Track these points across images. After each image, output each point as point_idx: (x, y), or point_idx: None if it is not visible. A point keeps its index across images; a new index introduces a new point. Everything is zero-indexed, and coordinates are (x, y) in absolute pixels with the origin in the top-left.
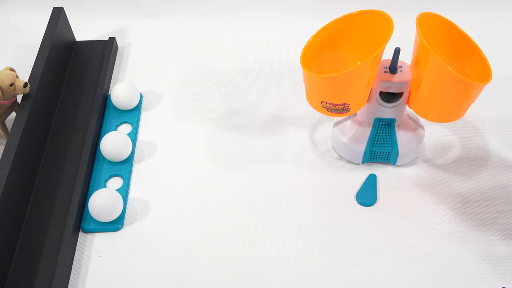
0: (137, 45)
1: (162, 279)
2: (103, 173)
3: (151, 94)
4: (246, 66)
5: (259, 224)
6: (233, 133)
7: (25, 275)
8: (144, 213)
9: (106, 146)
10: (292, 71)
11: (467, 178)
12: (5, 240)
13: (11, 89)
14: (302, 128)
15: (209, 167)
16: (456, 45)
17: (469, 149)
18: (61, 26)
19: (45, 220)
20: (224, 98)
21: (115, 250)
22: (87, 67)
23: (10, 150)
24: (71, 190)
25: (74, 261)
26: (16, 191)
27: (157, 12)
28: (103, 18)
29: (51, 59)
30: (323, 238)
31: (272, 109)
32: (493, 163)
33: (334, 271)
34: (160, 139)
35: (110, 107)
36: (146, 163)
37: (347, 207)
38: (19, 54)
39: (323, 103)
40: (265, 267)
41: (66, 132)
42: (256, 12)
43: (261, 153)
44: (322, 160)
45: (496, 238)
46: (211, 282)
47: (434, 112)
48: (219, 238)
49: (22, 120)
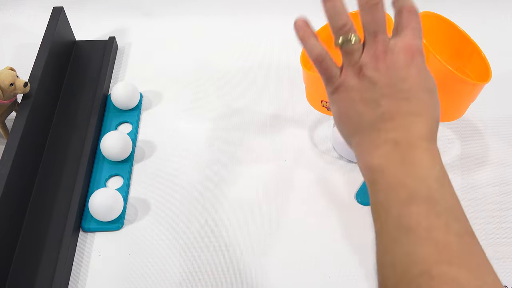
0: (137, 45)
1: (162, 279)
2: (103, 172)
3: (151, 94)
4: (246, 65)
5: (259, 223)
6: (233, 132)
7: (25, 274)
8: (144, 212)
9: (106, 146)
10: (292, 70)
11: (467, 177)
12: (5, 239)
13: (11, 89)
14: (302, 127)
15: (209, 166)
16: (456, 44)
17: (469, 148)
18: (61, 26)
19: (45, 220)
20: (224, 98)
21: (116, 249)
22: (87, 67)
23: (10, 149)
24: (71, 190)
25: (75, 261)
26: (16, 191)
27: (157, 12)
28: (103, 18)
29: (51, 59)
30: (323, 237)
31: (272, 109)
32: (493, 162)
33: (334, 271)
34: (160, 138)
35: (110, 107)
36: (146, 162)
37: (347, 207)
38: (19, 54)
39: (323, 102)
40: (265, 266)
41: (66, 131)
42: (256, 12)
43: (261, 153)
44: (322, 160)
45: (496, 237)
46: (211, 282)
47: None
48: (219, 237)
49: (22, 119)
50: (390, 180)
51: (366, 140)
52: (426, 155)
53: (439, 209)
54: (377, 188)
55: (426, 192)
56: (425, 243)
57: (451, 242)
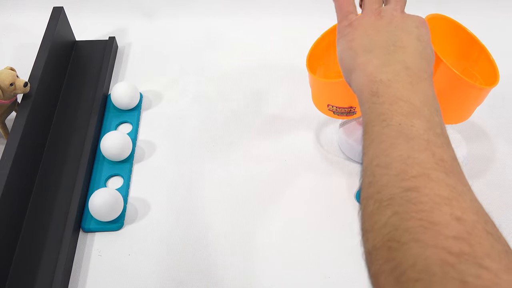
0: (137, 45)
1: (162, 279)
2: (103, 172)
3: (151, 94)
4: (246, 65)
5: (259, 223)
6: (233, 132)
7: (25, 274)
8: (144, 212)
9: (106, 146)
10: (292, 70)
11: (472, 178)
12: (5, 239)
13: (11, 89)
14: (302, 127)
15: (209, 166)
16: (464, 46)
17: (475, 150)
18: (61, 26)
19: (45, 220)
20: (224, 98)
21: (116, 250)
22: (87, 67)
23: (10, 149)
24: (71, 190)
25: (75, 261)
26: (16, 191)
27: (157, 12)
28: (103, 18)
29: (51, 59)
30: (323, 237)
31: (272, 109)
32: (499, 164)
33: (334, 271)
34: (160, 138)
35: (110, 107)
36: (146, 162)
37: (347, 207)
38: (19, 54)
39: (329, 106)
40: (265, 266)
41: (66, 131)
42: (256, 12)
43: (261, 153)
44: (322, 160)
45: None
46: (211, 282)
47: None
48: (219, 237)
49: (22, 119)
50: (396, 94)
51: (375, 58)
52: (430, 88)
53: (438, 131)
54: (380, 100)
55: (428, 114)
56: (424, 151)
57: (447, 159)
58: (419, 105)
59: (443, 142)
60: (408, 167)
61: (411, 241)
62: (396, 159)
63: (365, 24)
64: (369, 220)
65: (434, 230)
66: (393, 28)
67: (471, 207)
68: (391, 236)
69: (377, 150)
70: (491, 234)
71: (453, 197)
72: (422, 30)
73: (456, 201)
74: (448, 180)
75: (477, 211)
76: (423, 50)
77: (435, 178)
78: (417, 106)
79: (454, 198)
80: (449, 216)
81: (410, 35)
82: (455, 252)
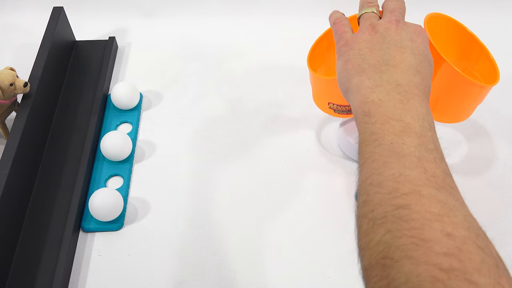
0: (137, 45)
1: (162, 279)
2: (103, 172)
3: (151, 94)
4: (246, 65)
5: (259, 223)
6: (233, 132)
7: (25, 274)
8: (144, 212)
9: (106, 146)
10: (292, 70)
11: (473, 178)
12: (5, 239)
13: (11, 89)
14: (302, 127)
15: (209, 166)
16: (464, 45)
17: (475, 149)
18: (61, 26)
19: (45, 220)
20: (224, 98)
21: (116, 250)
22: (87, 67)
23: (10, 149)
24: (71, 190)
25: (74, 261)
26: (16, 191)
27: (157, 12)
28: (103, 18)
29: (51, 59)
30: (323, 237)
31: (273, 109)
32: (499, 163)
33: (334, 271)
34: (160, 138)
35: (110, 107)
36: (146, 162)
37: (347, 207)
38: (19, 54)
39: (330, 104)
40: (265, 266)
41: (66, 131)
42: (256, 12)
43: (261, 153)
44: (322, 160)
45: (501, 238)
46: (211, 282)
47: (440, 112)
48: (219, 237)
49: (22, 119)
50: (387, 114)
51: (367, 79)
52: (421, 105)
53: (430, 147)
54: (372, 120)
55: (420, 130)
56: (416, 168)
57: (439, 175)
58: (411, 122)
59: (435, 157)
60: (400, 184)
61: (403, 258)
62: (388, 177)
63: (360, 42)
64: (364, 238)
65: (425, 246)
66: (386, 45)
67: (462, 222)
68: (385, 253)
69: (370, 169)
70: (482, 248)
71: (444, 213)
72: (417, 42)
73: (447, 217)
74: (439, 195)
75: (468, 226)
76: (418, 64)
77: (426, 194)
78: (409, 123)
79: (445, 214)
80: (440, 233)
81: (404, 50)
82: (445, 268)
